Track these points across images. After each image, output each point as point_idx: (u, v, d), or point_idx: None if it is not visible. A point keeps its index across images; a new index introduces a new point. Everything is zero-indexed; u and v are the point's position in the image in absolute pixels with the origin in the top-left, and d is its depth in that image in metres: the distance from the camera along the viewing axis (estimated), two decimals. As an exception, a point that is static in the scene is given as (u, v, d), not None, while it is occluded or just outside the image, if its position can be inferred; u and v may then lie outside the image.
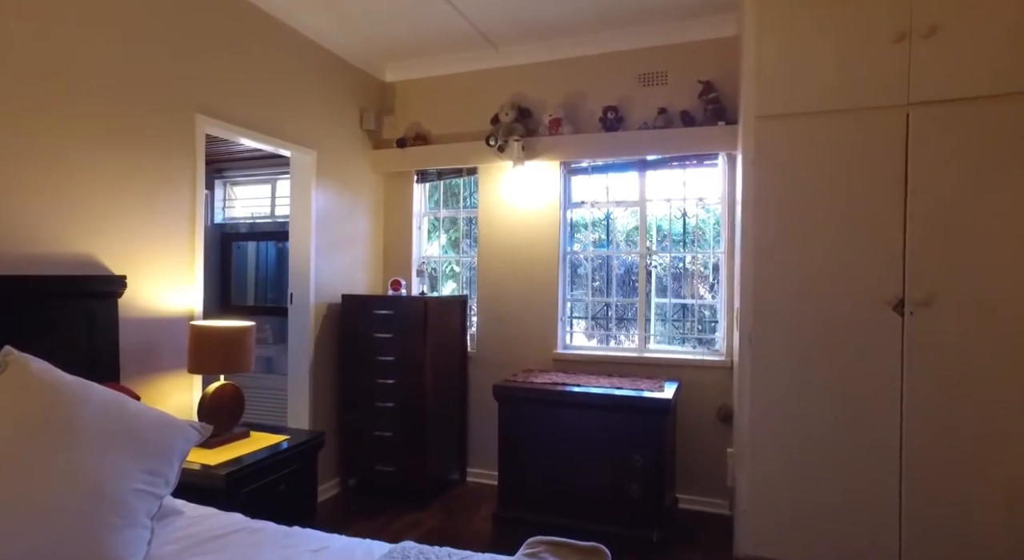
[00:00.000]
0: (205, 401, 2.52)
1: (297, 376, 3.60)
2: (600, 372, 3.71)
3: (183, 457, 1.83)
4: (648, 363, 3.66)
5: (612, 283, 3.96)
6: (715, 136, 3.41)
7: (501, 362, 3.98)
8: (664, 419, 3.00)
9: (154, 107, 2.59)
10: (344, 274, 3.91)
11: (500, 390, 3.33)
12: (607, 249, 4.01)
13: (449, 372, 3.85)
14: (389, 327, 3.62)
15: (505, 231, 4.02)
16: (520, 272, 3.97)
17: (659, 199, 3.84)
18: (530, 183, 3.95)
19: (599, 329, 4.10)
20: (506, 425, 3.30)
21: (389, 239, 4.35)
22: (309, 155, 3.57)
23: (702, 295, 3.85)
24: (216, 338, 2.53)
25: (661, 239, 3.90)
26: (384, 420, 3.63)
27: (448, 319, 3.84)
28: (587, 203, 3.98)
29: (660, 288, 3.93)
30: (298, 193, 3.63)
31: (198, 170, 2.79)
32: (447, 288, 4.45)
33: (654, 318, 3.90)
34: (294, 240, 3.63)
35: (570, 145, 3.76)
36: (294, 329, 3.62)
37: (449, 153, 4.05)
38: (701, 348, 3.72)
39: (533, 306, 3.93)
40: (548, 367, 3.88)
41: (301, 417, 3.58)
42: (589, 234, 4.03)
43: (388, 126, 4.30)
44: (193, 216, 2.76)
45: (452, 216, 4.38)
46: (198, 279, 2.79)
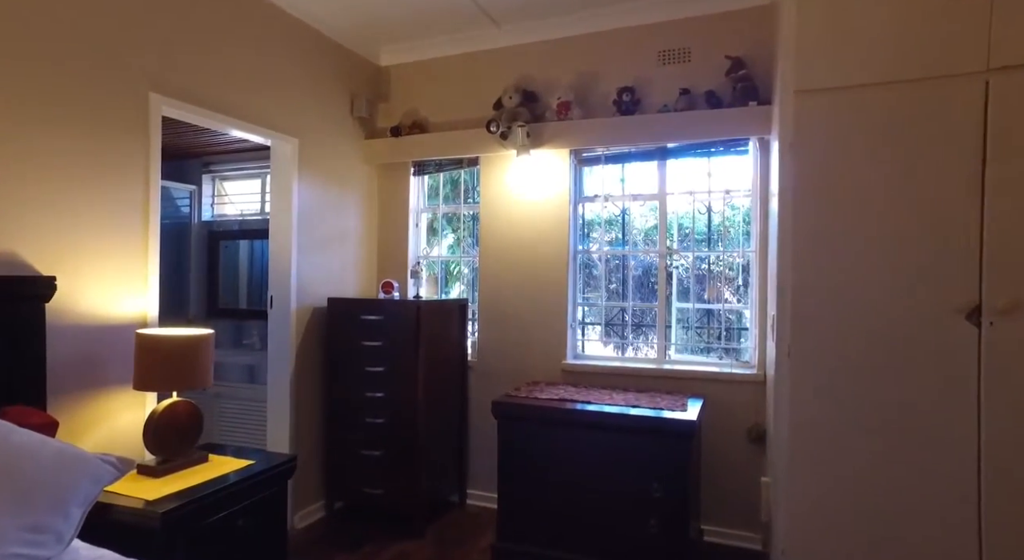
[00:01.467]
0: (151, 423, 2.18)
1: (277, 387, 3.26)
2: (614, 386, 3.30)
3: (89, 502, 1.48)
4: (669, 376, 3.25)
5: (628, 285, 3.56)
6: (745, 118, 2.99)
7: (504, 372, 3.60)
8: (688, 444, 2.59)
9: (98, 83, 2.25)
10: (331, 275, 3.56)
11: (500, 407, 2.94)
12: (623, 248, 3.60)
13: (447, 384, 3.48)
14: (378, 334, 3.26)
15: (509, 228, 3.64)
16: (526, 273, 3.59)
17: (681, 192, 3.43)
18: (537, 174, 3.56)
19: (614, 336, 3.70)
20: (507, 447, 2.91)
21: (384, 237, 3.99)
22: (290, 143, 3.23)
23: (728, 299, 3.43)
24: (166, 349, 2.18)
25: (683, 237, 3.49)
26: (372, 438, 3.27)
27: (445, 325, 3.47)
28: (600, 197, 3.58)
29: (682, 291, 3.52)
30: (278, 186, 3.28)
31: (152, 158, 2.45)
32: (454, 291, 4.08)
33: (675, 325, 3.49)
34: (274, 237, 3.28)
35: (581, 131, 3.37)
36: (274, 335, 3.27)
37: (447, 142, 3.68)
38: (728, 359, 3.29)
39: (540, 311, 3.55)
40: (556, 379, 3.48)
41: (281, 433, 3.23)
42: (603, 233, 3.63)
43: (383, 114, 3.95)
44: (146, 210, 2.43)
45: (453, 212, 4.01)
46: (152, 281, 2.45)
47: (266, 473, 2.34)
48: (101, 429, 2.24)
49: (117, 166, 2.32)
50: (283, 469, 2.43)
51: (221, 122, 2.78)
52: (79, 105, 2.18)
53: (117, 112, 2.32)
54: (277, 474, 2.40)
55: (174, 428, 2.24)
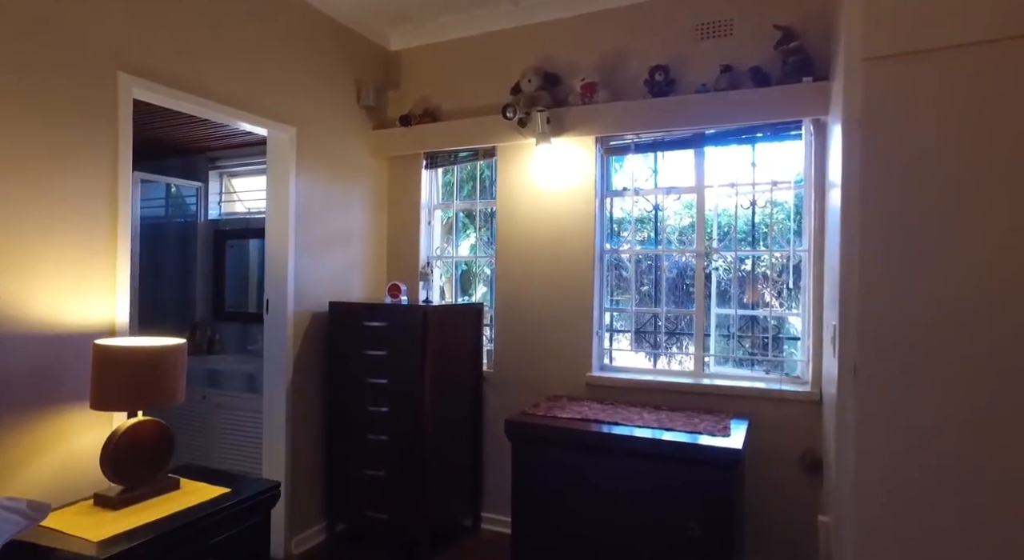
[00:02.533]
0: (109, 446, 1.90)
1: (273, 399, 2.98)
2: (645, 402, 2.93)
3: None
4: (707, 392, 2.87)
5: (661, 289, 3.18)
6: (798, 96, 2.59)
7: (523, 385, 3.26)
8: (732, 475, 2.21)
9: (54, 60, 1.99)
10: (334, 277, 3.27)
11: (514, 427, 2.60)
12: (655, 247, 3.23)
13: (459, 397, 3.16)
14: (382, 342, 2.95)
15: (529, 225, 3.29)
16: (547, 275, 3.24)
17: (721, 185, 3.03)
18: (559, 165, 3.21)
19: (645, 345, 3.33)
20: (521, 472, 2.57)
21: (394, 236, 3.69)
22: (286, 133, 2.95)
23: (772, 304, 3.02)
24: (128, 362, 1.91)
25: (723, 235, 3.10)
26: (375, 456, 2.96)
27: (458, 333, 3.15)
28: (630, 190, 3.21)
29: (721, 295, 3.12)
30: (274, 179, 3.01)
31: (122, 145, 2.19)
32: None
33: (714, 332, 3.09)
34: (271, 235, 3.01)
35: (607, 115, 3.00)
36: (270, 343, 3.00)
37: (460, 131, 3.35)
38: (776, 373, 2.89)
39: (563, 317, 3.20)
40: (580, 393, 3.13)
41: (276, 449, 2.96)
42: (634, 232, 3.25)
43: (393, 103, 3.65)
44: (114, 204, 2.16)
45: (469, 208, 3.69)
46: (122, 284, 2.18)
47: (243, 503, 2.05)
48: (56, 453, 1.98)
49: (77, 157, 2.05)
50: (264, 498, 2.14)
51: (204, 107, 2.51)
52: (30, 86, 1.92)
53: (78, 94, 2.06)
54: (256, 504, 2.11)
55: (137, 452, 1.97)
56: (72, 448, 2.02)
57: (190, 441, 3.65)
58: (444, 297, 3.69)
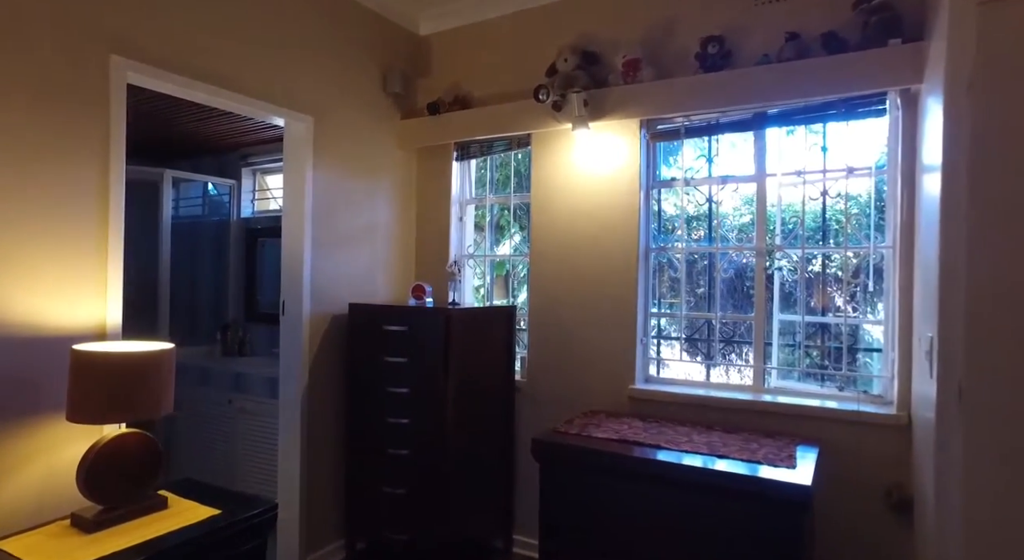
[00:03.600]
0: (85, 462, 1.72)
1: (288, 408, 2.79)
2: (696, 421, 2.58)
3: None
4: (769, 410, 2.48)
5: (716, 291, 2.81)
6: (884, 62, 2.18)
7: (558, 397, 2.96)
8: (800, 516, 1.84)
9: (39, 42, 1.83)
10: (356, 277, 3.06)
11: (543, 447, 2.31)
12: (709, 244, 2.86)
13: (487, 409, 2.88)
14: (403, 348, 2.71)
15: (565, 220, 2.99)
16: (585, 275, 2.93)
17: (786, 173, 2.64)
18: (598, 153, 2.89)
19: (696, 355, 2.97)
20: (550, 499, 2.27)
21: (423, 233, 3.46)
22: (303, 122, 2.75)
23: (845, 310, 2.60)
24: (109, 369, 1.73)
25: (788, 230, 2.70)
26: (395, 473, 2.72)
27: (486, 338, 2.87)
28: (680, 180, 2.86)
29: (785, 298, 2.73)
30: (290, 172, 2.82)
31: (115, 135, 2.02)
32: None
33: (777, 341, 2.70)
34: (287, 233, 2.82)
35: (653, 95, 2.66)
36: (286, 347, 2.81)
37: (491, 118, 3.08)
38: (851, 391, 2.47)
39: (603, 322, 2.87)
40: (621, 409, 2.79)
41: (291, 460, 2.76)
42: (684, 228, 2.89)
43: (423, 91, 3.41)
44: (104, 199, 1.99)
45: (502, 202, 3.41)
46: (113, 284, 2.02)
47: (235, 526, 1.84)
48: (35, 468, 1.82)
49: (65, 146, 1.89)
50: (259, 521, 1.93)
51: (210, 94, 2.33)
52: (10, 69, 1.77)
53: (66, 79, 1.90)
54: (250, 528, 1.90)
55: (119, 468, 1.79)
56: (53, 463, 1.85)
57: (213, 447, 3.53)
58: (487, 300, 3.43)
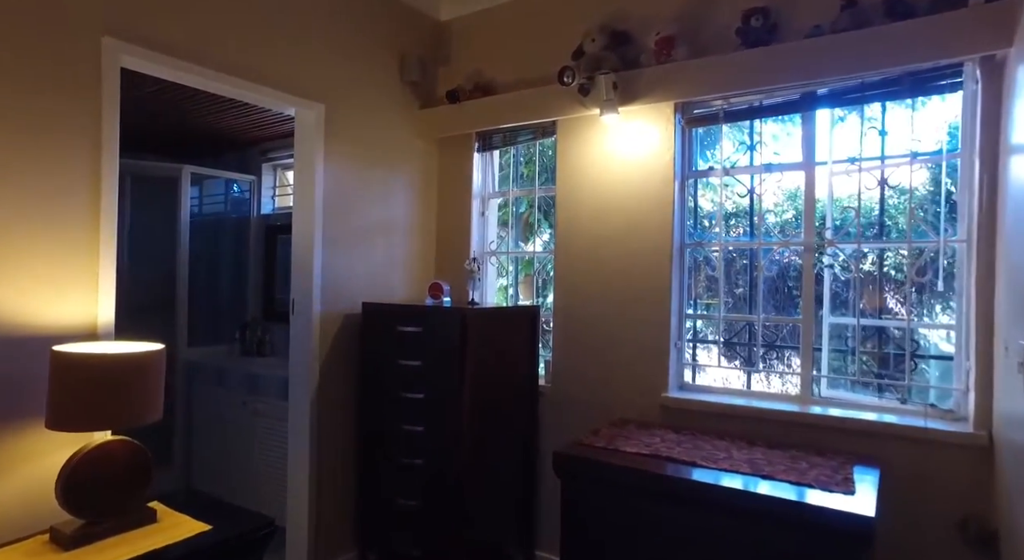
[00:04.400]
0: (64, 472, 1.60)
1: (298, 412, 2.65)
2: (736, 434, 2.33)
3: None
4: (818, 424, 2.22)
5: (758, 292, 2.55)
6: (962, 26, 1.90)
7: (585, 404, 2.75)
8: (862, 551, 1.59)
9: (23, 22, 1.72)
10: (371, 274, 2.90)
11: (564, 461, 2.10)
12: (750, 240, 2.61)
13: (509, 416, 2.69)
14: (417, 350, 2.54)
15: (592, 214, 2.77)
16: (614, 273, 2.71)
17: (838, 160, 2.38)
18: (628, 141, 2.67)
19: (735, 360, 2.72)
20: (572, 518, 2.07)
21: (444, 228, 3.29)
22: (313, 110, 2.60)
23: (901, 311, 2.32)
24: (91, 372, 1.60)
25: (839, 224, 2.43)
26: (410, 482, 2.56)
27: (506, 340, 2.68)
28: (719, 168, 2.61)
29: (836, 299, 2.46)
30: (300, 164, 2.68)
31: (107, 124, 1.90)
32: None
33: (827, 346, 2.44)
34: (297, 227, 2.68)
35: (689, 75, 2.43)
36: (296, 348, 2.67)
37: (513, 105, 2.88)
38: (915, 403, 2.19)
39: (633, 324, 2.65)
40: (652, 418, 2.57)
41: (300, 467, 2.62)
42: (722, 223, 2.64)
43: (443, 79, 3.24)
44: (96, 191, 1.87)
45: (527, 195, 3.21)
46: (105, 280, 1.90)
47: (226, 544, 1.70)
48: (16, 478, 1.71)
49: (53, 134, 1.78)
50: (253, 538, 1.78)
51: (211, 80, 2.20)
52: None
53: (53, 62, 1.78)
54: (244, 545, 1.75)
55: (102, 479, 1.66)
56: (36, 472, 1.74)
57: (228, 451, 3.43)
58: (513, 300, 3.25)
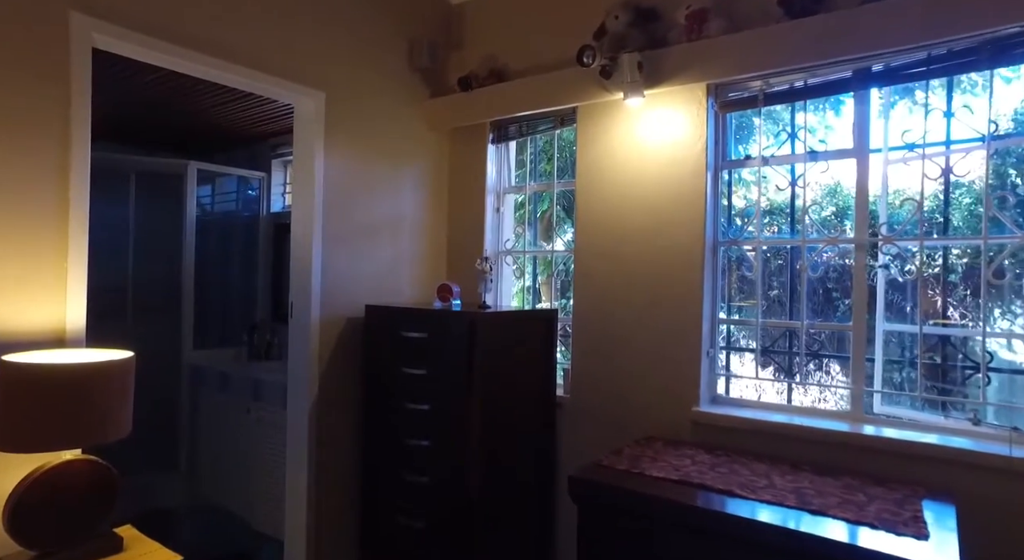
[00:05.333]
0: (13, 498, 1.42)
1: (296, 423, 2.47)
2: (777, 455, 2.07)
3: None
4: (875, 447, 1.94)
5: (800, 295, 2.27)
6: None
7: (607, 417, 2.51)
8: (933, 610, 1.32)
9: (-21, -4, 1.56)
10: (376, 275, 2.70)
11: (581, 486, 1.87)
12: (793, 237, 2.33)
13: (521, 430, 2.46)
14: (422, 358, 2.33)
15: (615, 209, 2.53)
16: (639, 274, 2.46)
17: (895, 147, 2.10)
18: (655, 129, 2.42)
19: (775, 369, 2.45)
20: (590, 552, 1.83)
21: (456, 226, 3.08)
22: (312, 99, 2.41)
23: (970, 317, 2.03)
24: (46, 385, 1.42)
25: (895, 219, 2.15)
26: (414, 502, 2.35)
27: (520, 347, 2.46)
28: (756, 158, 2.34)
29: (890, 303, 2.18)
30: (299, 156, 2.50)
31: (77, 110, 1.72)
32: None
33: (880, 357, 2.15)
34: (296, 225, 2.50)
35: (724, 52, 2.17)
36: (294, 354, 2.49)
37: (530, 91, 2.65)
38: (992, 426, 1.90)
39: (661, 329, 2.40)
40: (682, 435, 2.31)
41: (298, 482, 2.44)
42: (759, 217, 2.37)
43: (456, 66, 3.03)
44: (64, 184, 1.70)
45: (545, 190, 2.98)
46: (75, 282, 1.73)
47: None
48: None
49: (13, 121, 1.61)
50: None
51: (194, 62, 2.02)
52: (-58, 24, 1.50)
53: (14, 40, 1.62)
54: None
55: (58, 504, 1.48)
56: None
57: (231, 462, 3.28)
58: (533, 302, 3.02)
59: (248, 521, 3.17)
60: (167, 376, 3.61)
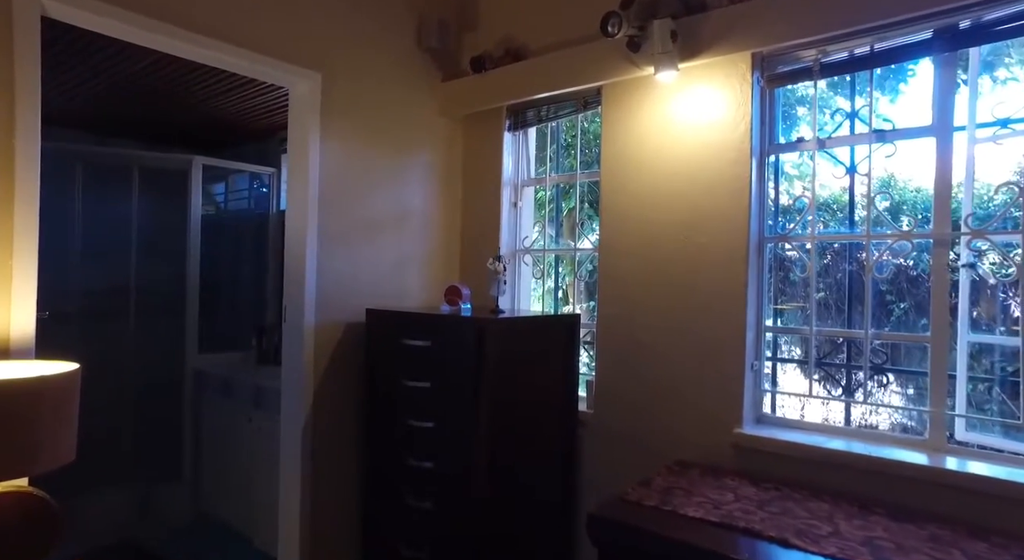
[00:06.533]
0: (-74, 542, 1.21)
1: (289, 439, 2.24)
2: (838, 490, 1.74)
3: None
4: (964, 486, 1.60)
5: (864, 299, 1.93)
6: None
7: (636, 436, 2.21)
8: None
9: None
10: (379, 276, 2.46)
11: (602, 527, 1.58)
12: (853, 231, 1.99)
13: (538, 451, 2.18)
14: (425, 369, 2.07)
15: (644, 202, 2.23)
16: (672, 276, 2.15)
17: (984, 123, 1.75)
18: (691, 108, 2.11)
19: (828, 384, 2.12)
20: (613, 607, 1.54)
21: (470, 221, 2.81)
22: (306, 80, 2.18)
23: None
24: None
25: (984, 212, 1.80)
26: (416, 529, 2.09)
27: (538, 357, 2.18)
28: (810, 140, 2.01)
29: (974, 308, 1.83)
30: (292, 144, 2.26)
31: (22, 88, 1.52)
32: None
33: (965, 375, 1.80)
34: (290, 221, 2.27)
35: (773, 14, 1.85)
36: (288, 364, 2.26)
37: (549, 70, 2.37)
38: (1109, 460, 1.54)
39: (697, 338, 2.09)
40: (722, 461, 2.00)
41: (291, 506, 2.21)
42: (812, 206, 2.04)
43: (469, 46, 2.76)
44: (9, 173, 1.50)
45: (567, 181, 2.69)
46: (19, 286, 1.52)
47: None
48: None
49: (-55, 95, 1.41)
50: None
51: (167, 37, 1.79)
52: None
53: (-52, 7, 1.42)
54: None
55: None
56: (-86, 528, 1.37)
57: (233, 471, 3.09)
58: (555, 307, 2.74)
59: (250, 539, 2.97)
60: (171, 381, 3.44)
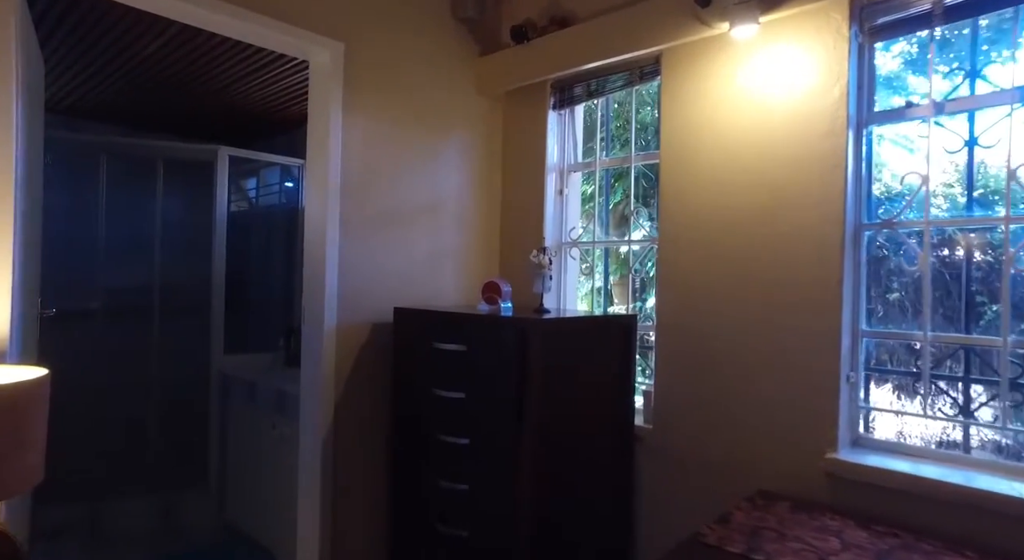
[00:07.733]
0: None
1: (308, 452, 2.00)
2: (965, 535, 1.39)
3: None
4: None
5: (1003, 299, 1.58)
6: None
7: (705, 458, 1.89)
8: None
9: None
10: (409, 271, 2.21)
11: (676, 581, 1.28)
12: (974, 213, 1.64)
13: (587, 471, 1.88)
14: (460, 376, 1.81)
15: (713, 187, 1.91)
16: (747, 271, 1.84)
17: None
18: (771, 72, 1.79)
19: (936, 400, 1.76)
20: None
21: (510, 211, 2.54)
22: (327, 49, 1.94)
23: None
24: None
25: None
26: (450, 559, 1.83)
27: (587, 363, 1.88)
28: (916, 105, 1.66)
29: None
30: (313, 122, 2.03)
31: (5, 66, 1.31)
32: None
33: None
34: (309, 210, 2.04)
35: (885, -53, 1.52)
36: (307, 368, 2.03)
37: (600, 35, 2.08)
38: None
39: (779, 346, 1.77)
40: (813, 492, 1.67)
41: (311, 522, 1.97)
42: (926, 185, 1.68)
43: (508, 17, 2.49)
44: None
45: (619, 165, 2.39)
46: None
47: None
48: None
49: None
50: None
51: None
52: None
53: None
54: None
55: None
56: None
57: (258, 480, 2.89)
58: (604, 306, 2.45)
59: (274, 555, 2.76)
60: (196, 382, 3.27)
